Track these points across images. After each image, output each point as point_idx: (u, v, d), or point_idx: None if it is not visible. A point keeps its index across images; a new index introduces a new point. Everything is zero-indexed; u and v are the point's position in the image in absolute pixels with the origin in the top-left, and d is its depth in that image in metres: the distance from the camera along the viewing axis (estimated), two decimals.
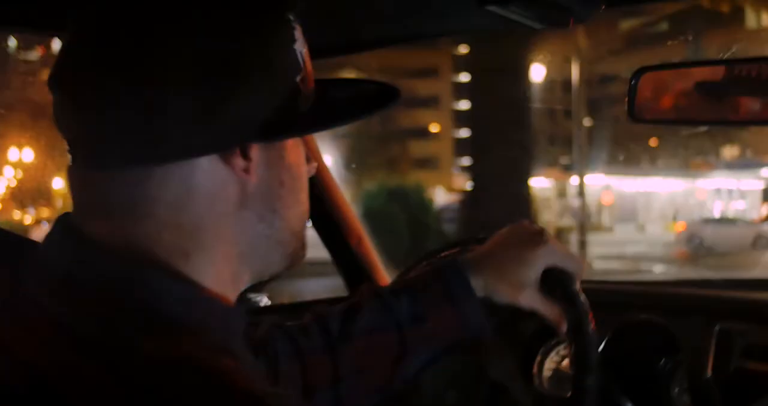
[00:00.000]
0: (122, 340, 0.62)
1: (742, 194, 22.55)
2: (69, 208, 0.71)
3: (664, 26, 19.12)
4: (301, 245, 0.80)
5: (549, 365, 1.44)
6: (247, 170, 0.69)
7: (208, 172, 0.67)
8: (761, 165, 20.55)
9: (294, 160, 0.75)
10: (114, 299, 0.64)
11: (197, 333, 0.65)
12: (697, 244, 15.84)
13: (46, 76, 0.69)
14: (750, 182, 21.82)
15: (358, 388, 1.03)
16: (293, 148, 0.76)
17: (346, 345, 1.03)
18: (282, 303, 1.72)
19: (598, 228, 21.79)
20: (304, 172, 0.79)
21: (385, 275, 1.74)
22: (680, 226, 18.55)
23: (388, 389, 1.05)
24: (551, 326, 1.03)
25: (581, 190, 19.13)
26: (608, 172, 22.23)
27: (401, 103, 0.78)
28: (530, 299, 1.01)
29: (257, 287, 1.61)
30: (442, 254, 1.17)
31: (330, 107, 0.75)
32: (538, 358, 1.44)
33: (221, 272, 0.71)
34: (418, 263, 1.24)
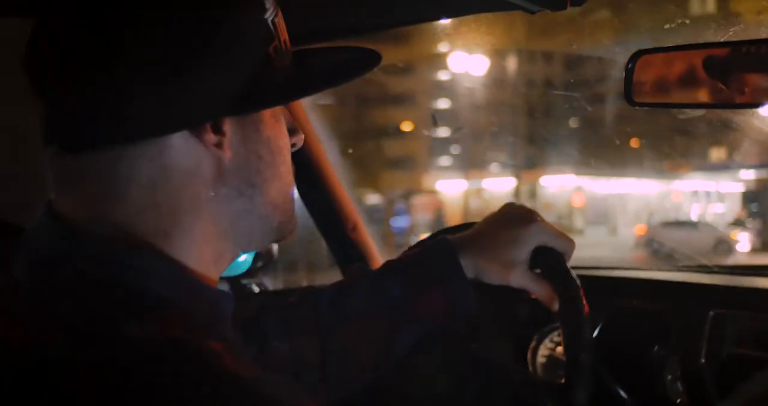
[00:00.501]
0: (109, 323, 0.61)
1: (721, 197, 22.19)
2: None
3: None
4: (288, 219, 0.79)
5: (543, 351, 1.44)
6: (219, 145, 0.68)
7: (180, 150, 0.66)
8: (742, 167, 20.33)
9: (272, 132, 0.74)
10: (100, 282, 0.63)
11: (185, 316, 0.65)
12: (655, 248, 15.70)
13: None
14: (730, 185, 21.51)
15: (347, 368, 1.03)
16: (271, 120, 0.74)
17: (336, 325, 1.02)
18: (274, 289, 1.71)
19: (569, 230, 21.50)
20: (285, 144, 0.77)
21: (381, 261, 1.73)
22: (641, 229, 18.39)
23: (378, 369, 1.05)
24: (543, 305, 1.03)
25: (517, 191, 18.87)
26: (580, 173, 21.84)
27: (378, 67, 0.76)
28: (520, 278, 1.01)
29: (250, 274, 1.59)
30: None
31: (305, 76, 0.74)
32: (533, 344, 1.44)
33: (203, 251, 0.70)
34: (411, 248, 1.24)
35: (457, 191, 22.59)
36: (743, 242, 15.64)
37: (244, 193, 0.72)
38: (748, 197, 20.29)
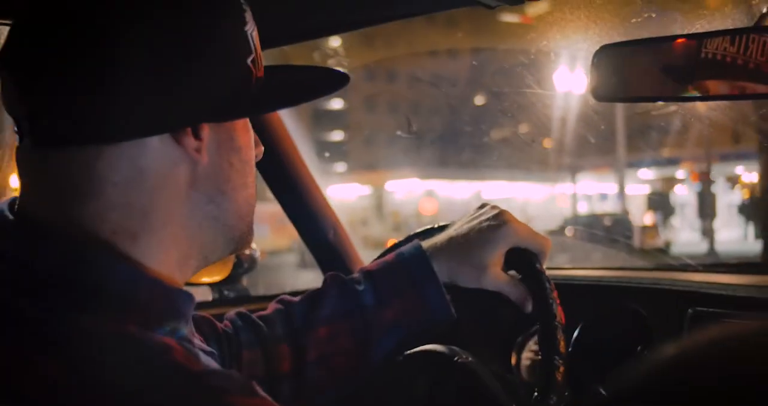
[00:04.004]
0: (64, 317, 0.63)
1: (618, 200, 19.61)
2: None
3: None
4: (248, 230, 0.81)
5: (527, 354, 1.42)
6: (199, 150, 0.70)
7: (159, 152, 0.68)
8: (645, 165, 18.29)
9: (243, 142, 0.76)
10: (58, 280, 0.65)
11: (139, 313, 0.66)
12: None
13: None
14: (632, 186, 19.32)
15: (322, 375, 1.03)
16: (243, 130, 0.77)
17: (309, 333, 1.03)
18: (249, 295, 1.71)
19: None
20: (253, 156, 0.79)
21: (362, 263, 1.74)
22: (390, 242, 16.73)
23: (354, 376, 1.04)
24: (517, 306, 1.02)
25: (365, 197, 17.43)
26: (428, 176, 19.73)
27: (347, 86, 0.79)
28: (494, 280, 1.01)
29: (232, 280, 1.60)
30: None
31: (280, 90, 0.76)
32: (516, 347, 1.42)
33: (169, 255, 0.71)
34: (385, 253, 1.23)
35: None
36: None
37: (214, 200, 0.74)
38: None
